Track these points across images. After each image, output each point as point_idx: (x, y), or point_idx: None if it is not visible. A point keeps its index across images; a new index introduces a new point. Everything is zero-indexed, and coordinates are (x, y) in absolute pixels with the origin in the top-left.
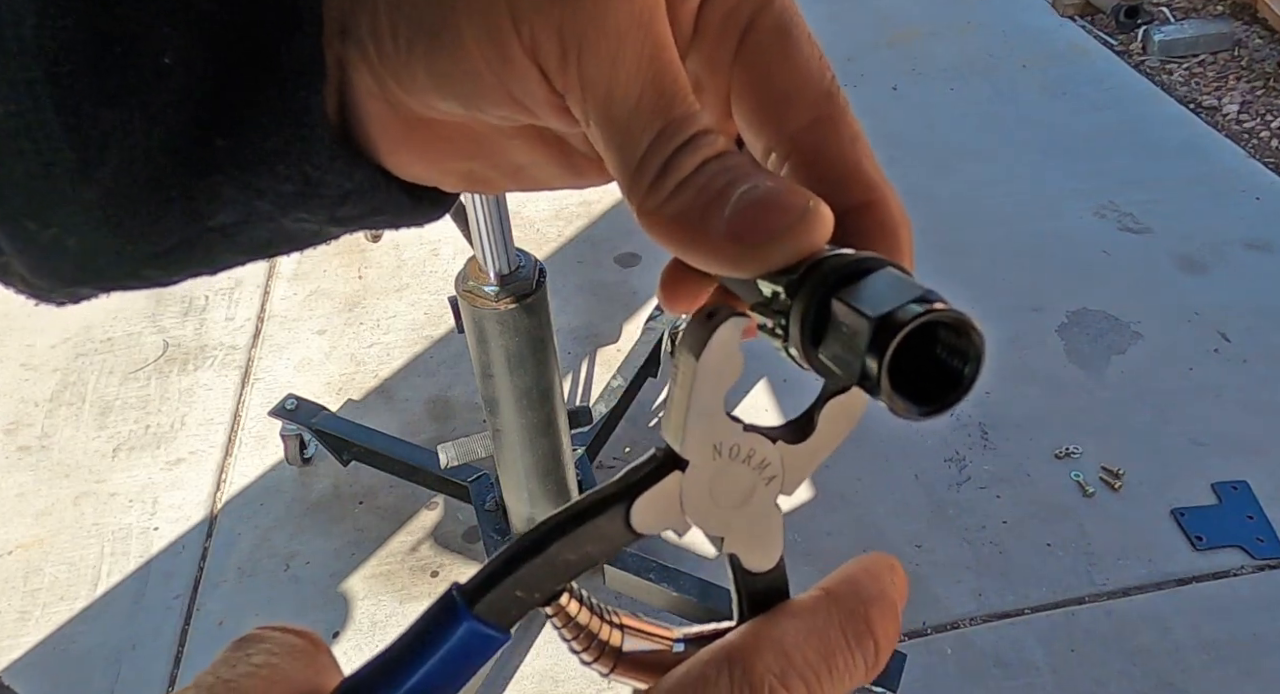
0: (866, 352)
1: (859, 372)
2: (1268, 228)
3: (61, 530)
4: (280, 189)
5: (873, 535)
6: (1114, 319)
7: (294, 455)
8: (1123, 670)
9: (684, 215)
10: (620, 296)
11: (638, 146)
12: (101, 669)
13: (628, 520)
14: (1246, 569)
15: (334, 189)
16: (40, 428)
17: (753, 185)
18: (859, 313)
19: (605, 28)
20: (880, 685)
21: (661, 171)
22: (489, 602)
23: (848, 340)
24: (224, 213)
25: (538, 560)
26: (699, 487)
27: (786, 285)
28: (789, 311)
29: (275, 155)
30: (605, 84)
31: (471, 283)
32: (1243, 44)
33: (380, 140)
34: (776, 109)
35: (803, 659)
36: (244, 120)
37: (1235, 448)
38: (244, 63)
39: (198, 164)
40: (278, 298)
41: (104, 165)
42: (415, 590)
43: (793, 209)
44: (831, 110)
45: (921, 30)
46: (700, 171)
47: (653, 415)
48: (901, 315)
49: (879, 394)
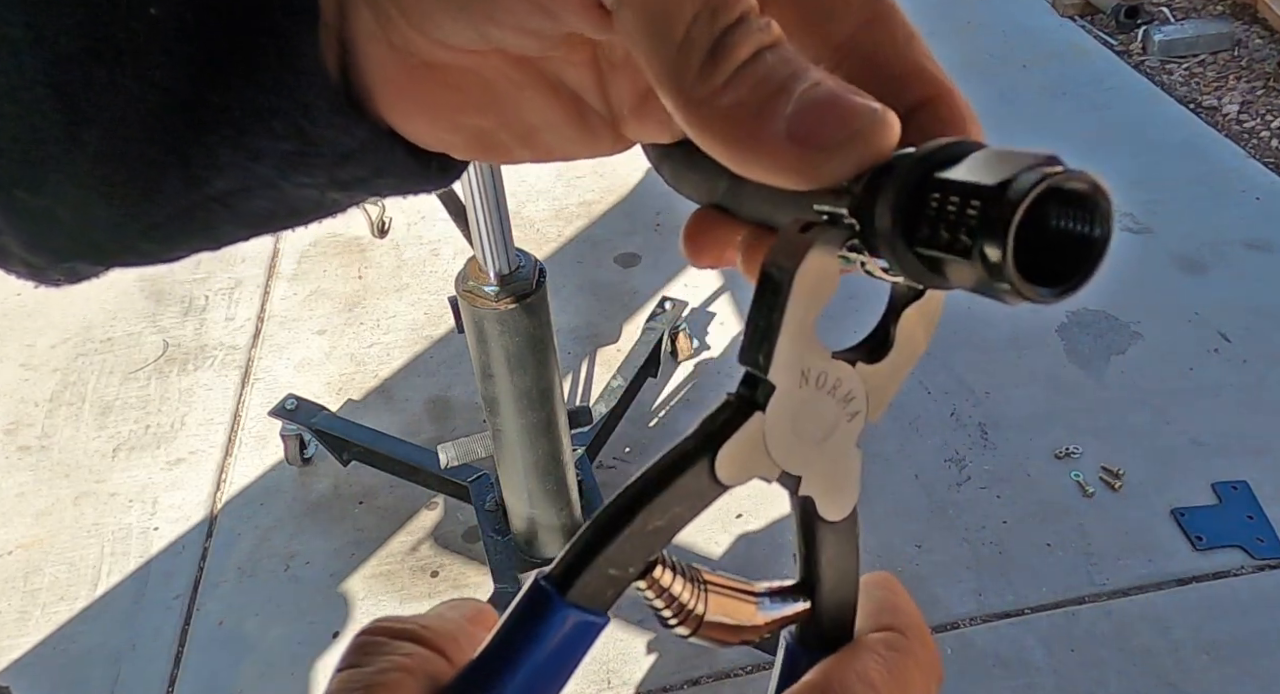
0: (985, 229)
1: (979, 256)
2: (1268, 228)
3: (61, 530)
4: (278, 148)
5: (873, 535)
6: (1114, 319)
7: (294, 455)
8: (1123, 670)
9: (738, 110)
10: (620, 296)
11: (678, 25)
12: (101, 669)
13: (713, 473)
14: (1246, 569)
15: (334, 147)
16: (40, 428)
17: (816, 82)
18: (972, 186)
19: None
20: None
21: (710, 56)
22: (582, 586)
23: (956, 221)
24: (222, 178)
25: (625, 533)
26: (783, 420)
27: (855, 196)
28: (870, 210)
29: (271, 111)
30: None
31: (471, 283)
32: (1243, 44)
33: (384, 92)
34: (821, 16)
35: None
36: (237, 74)
37: (1235, 448)
38: (232, 11)
39: (192, 124)
40: (278, 298)
41: (93, 126)
42: (415, 590)
43: (862, 112)
44: (880, 8)
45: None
46: (756, 60)
47: (653, 415)
48: (1023, 181)
49: (1001, 279)
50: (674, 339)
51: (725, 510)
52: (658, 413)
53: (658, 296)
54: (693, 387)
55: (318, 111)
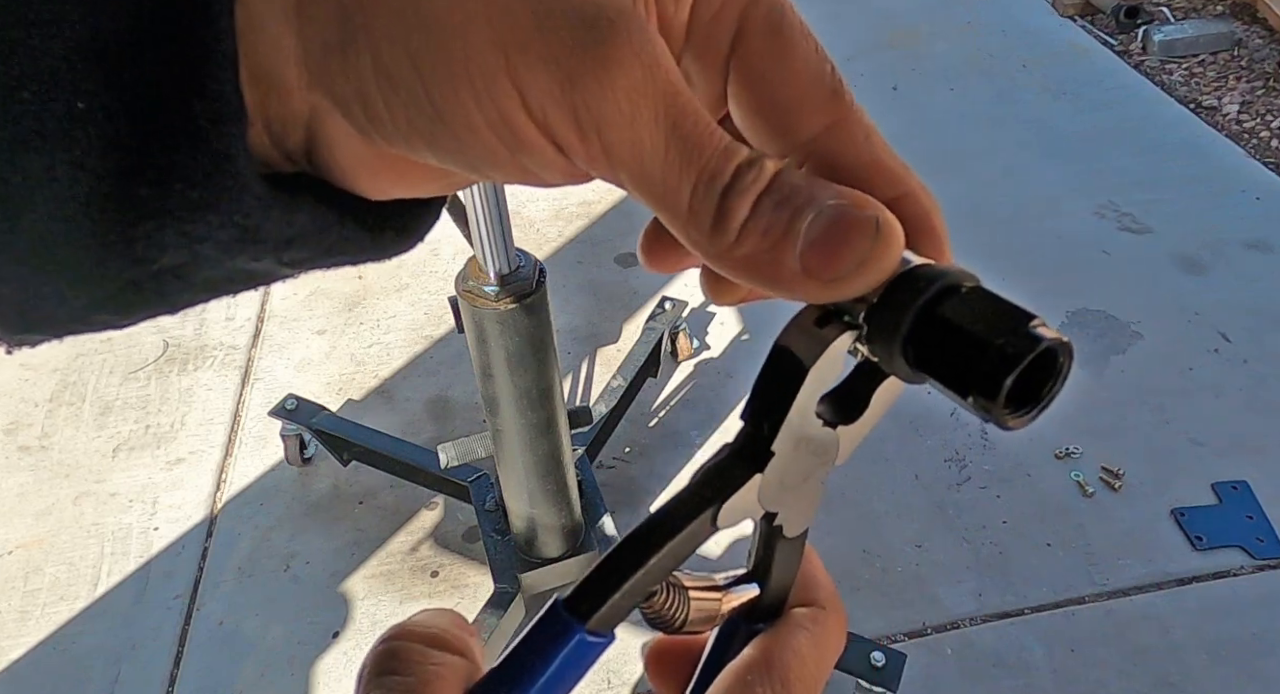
0: (986, 379)
1: (972, 400)
2: (1268, 228)
3: (61, 530)
4: (218, 236)
5: (873, 535)
6: (1114, 319)
7: (294, 455)
8: (1123, 670)
9: (753, 259)
10: (620, 296)
11: (680, 198)
12: (101, 669)
13: (714, 522)
14: (1246, 569)
15: (274, 235)
16: (40, 428)
17: (816, 213)
18: (975, 338)
19: (617, 93)
20: (880, 686)
21: (717, 219)
22: (598, 617)
23: (957, 364)
24: (167, 256)
25: (640, 573)
26: (775, 478)
27: (869, 307)
28: (883, 330)
29: (204, 205)
30: (628, 148)
31: (471, 283)
32: (1243, 44)
33: (354, 171)
34: (782, 118)
35: (819, 665)
36: (166, 168)
37: (1235, 448)
38: (157, 108)
39: (128, 212)
40: (278, 298)
41: (31, 213)
42: (415, 590)
43: (865, 234)
44: (839, 112)
45: (921, 30)
46: (756, 212)
47: (653, 415)
48: (1022, 346)
49: (989, 416)
50: (674, 339)
51: None
52: (658, 413)
53: (658, 297)
54: (693, 386)
55: (249, 206)
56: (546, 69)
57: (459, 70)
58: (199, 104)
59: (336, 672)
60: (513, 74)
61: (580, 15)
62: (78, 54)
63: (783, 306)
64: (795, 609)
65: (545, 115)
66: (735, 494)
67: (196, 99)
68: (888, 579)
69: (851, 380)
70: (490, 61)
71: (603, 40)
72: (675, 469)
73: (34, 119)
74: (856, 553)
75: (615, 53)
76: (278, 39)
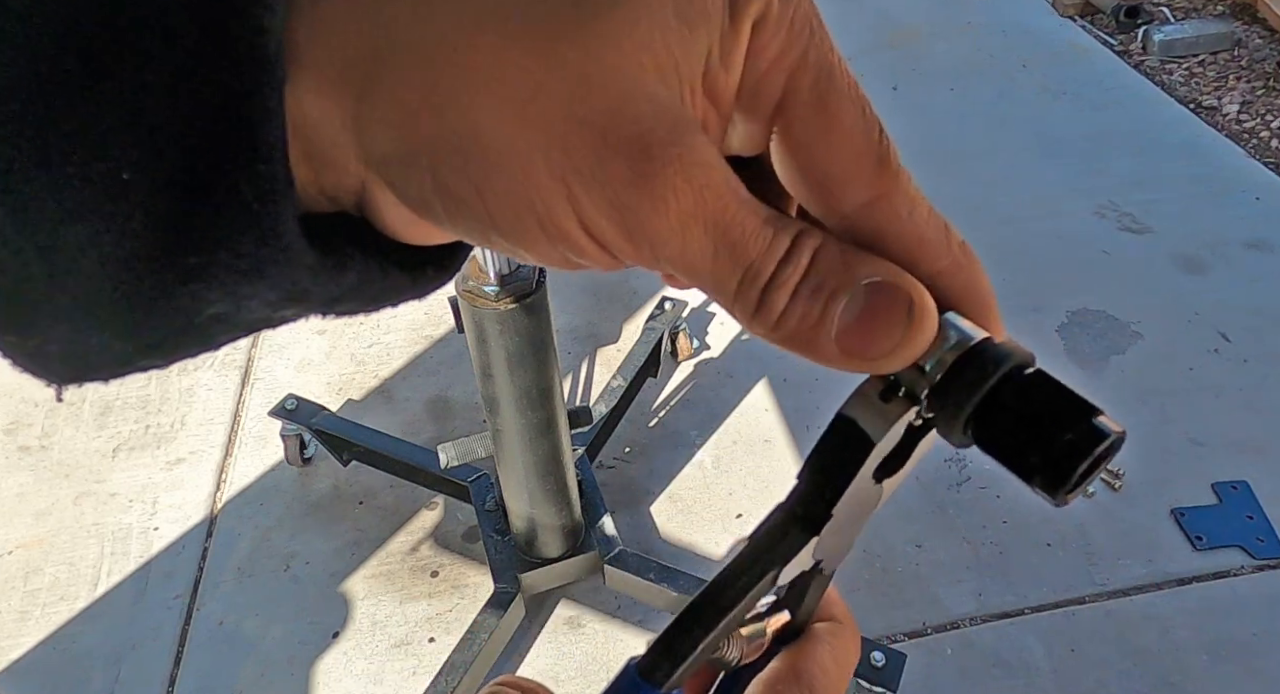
0: (1054, 468)
1: (1040, 479)
2: (1268, 228)
3: (61, 530)
4: (265, 297)
5: (873, 535)
6: (1114, 319)
7: (294, 455)
8: (1123, 670)
9: (794, 340)
10: (620, 296)
11: (725, 290)
12: (101, 669)
13: (774, 582)
14: (1246, 569)
15: (322, 294)
16: (40, 428)
17: (850, 298)
18: (1046, 431)
19: (669, 218)
20: (880, 686)
21: (758, 308)
22: (670, 679)
23: (1025, 450)
24: (213, 309)
25: (709, 639)
26: (829, 537)
27: (933, 385)
28: (945, 405)
29: (251, 273)
30: (678, 255)
31: (471, 283)
32: (1243, 44)
33: (404, 232)
34: (825, 189)
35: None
36: (213, 240)
37: (1235, 448)
38: (202, 184)
39: (175, 275)
40: None
41: (76, 275)
42: (415, 590)
43: (895, 320)
44: (883, 186)
45: (921, 30)
46: (795, 300)
47: (653, 415)
48: (1088, 440)
49: (1054, 497)
50: (674, 339)
51: (725, 511)
52: (658, 413)
53: (658, 297)
54: (693, 386)
55: (298, 274)
56: (604, 195)
57: (521, 198)
58: (245, 183)
59: (336, 672)
60: (573, 201)
61: (636, 142)
62: (124, 125)
63: None
64: (816, 625)
65: (601, 231)
66: (796, 557)
67: (243, 177)
68: (888, 579)
69: (901, 440)
70: (551, 190)
71: (656, 173)
72: (675, 469)
73: (78, 191)
74: (857, 553)
75: (669, 182)
76: (335, 138)
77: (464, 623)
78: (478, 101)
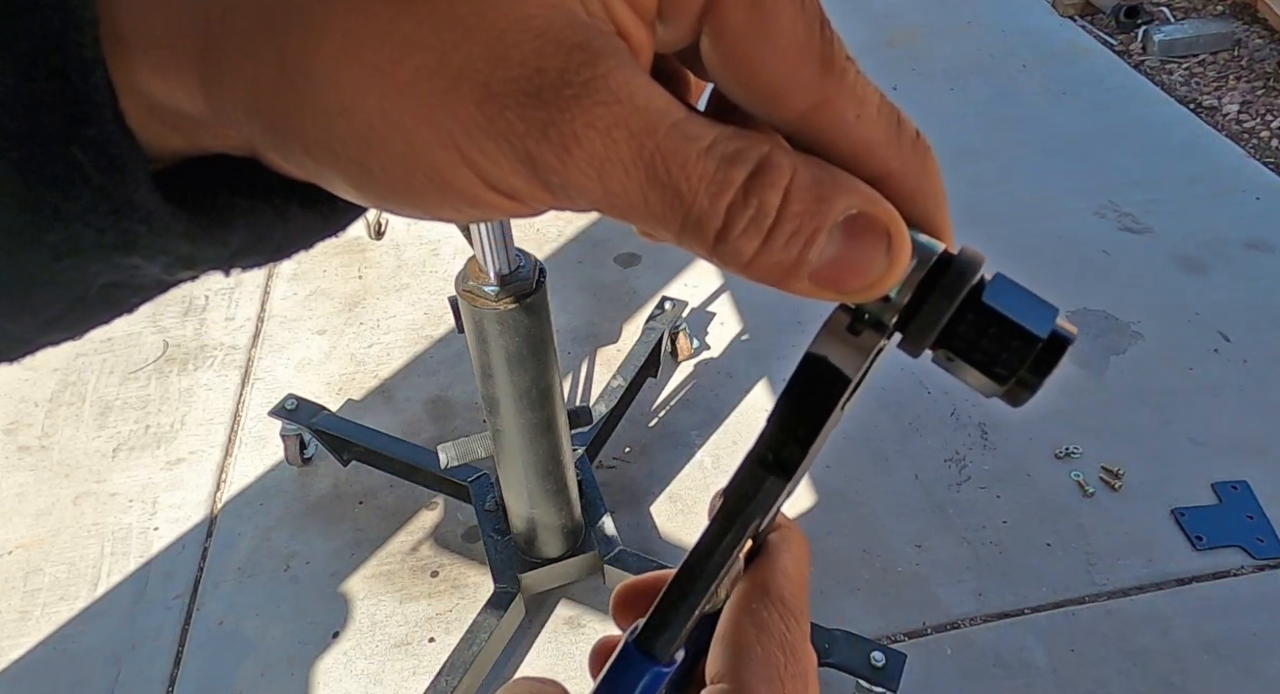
0: (1032, 366)
1: (1014, 382)
2: (1268, 228)
3: (61, 530)
4: (148, 267)
5: (873, 535)
6: (1114, 319)
7: (294, 455)
8: (1123, 670)
9: (763, 278)
10: (620, 296)
11: (670, 230)
12: (101, 669)
13: (755, 535)
14: (1246, 569)
15: (212, 256)
16: (40, 428)
17: (827, 242)
18: (1021, 331)
19: (579, 162)
20: (880, 685)
21: (716, 246)
22: (670, 650)
23: (998, 354)
24: (101, 279)
25: (701, 603)
26: (800, 474)
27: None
28: (918, 328)
29: (120, 246)
30: (598, 198)
31: (471, 283)
32: (1243, 44)
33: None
34: (764, 98)
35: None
36: (66, 215)
37: (1235, 448)
38: (40, 156)
39: (44, 253)
40: (278, 298)
41: None
42: (415, 590)
43: (873, 261)
44: (827, 90)
45: (921, 30)
46: (768, 245)
47: (653, 415)
48: (1061, 337)
49: (1020, 394)
50: (674, 339)
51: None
52: (658, 413)
53: (658, 297)
54: (693, 386)
55: (176, 243)
56: (504, 151)
57: (413, 170)
58: (80, 151)
59: (336, 672)
60: (470, 164)
61: (524, 87)
62: None
63: (782, 310)
64: (769, 537)
65: (511, 187)
66: (775, 506)
67: (76, 144)
68: (888, 579)
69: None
70: (444, 160)
71: (552, 119)
72: (675, 469)
73: None
74: (856, 553)
75: (567, 128)
76: (192, 113)
77: (464, 623)
78: (340, 73)
